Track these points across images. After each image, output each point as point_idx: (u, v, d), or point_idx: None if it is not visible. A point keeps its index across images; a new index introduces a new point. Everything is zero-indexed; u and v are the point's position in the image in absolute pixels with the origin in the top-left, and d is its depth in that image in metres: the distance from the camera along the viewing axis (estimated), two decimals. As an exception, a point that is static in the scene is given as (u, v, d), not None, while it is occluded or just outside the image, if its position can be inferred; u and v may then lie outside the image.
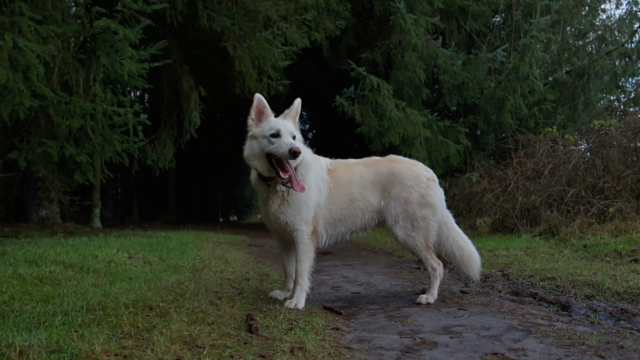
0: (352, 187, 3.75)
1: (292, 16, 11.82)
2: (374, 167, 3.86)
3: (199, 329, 2.49)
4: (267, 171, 3.45)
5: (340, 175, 3.78)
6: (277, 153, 3.34)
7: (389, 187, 3.77)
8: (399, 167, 3.84)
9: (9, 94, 6.17)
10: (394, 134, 12.06)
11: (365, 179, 3.78)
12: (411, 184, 3.74)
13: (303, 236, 3.54)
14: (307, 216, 3.56)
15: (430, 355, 2.37)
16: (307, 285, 3.53)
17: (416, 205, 3.70)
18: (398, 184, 3.75)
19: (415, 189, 3.72)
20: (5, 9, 6.62)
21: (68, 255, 4.60)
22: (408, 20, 12.13)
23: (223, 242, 9.25)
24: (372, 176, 3.80)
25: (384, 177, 3.79)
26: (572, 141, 9.00)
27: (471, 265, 3.86)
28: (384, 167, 3.85)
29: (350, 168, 3.86)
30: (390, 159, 3.97)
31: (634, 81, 14.47)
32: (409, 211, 3.70)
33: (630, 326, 2.84)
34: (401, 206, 3.71)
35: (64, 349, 1.95)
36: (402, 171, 3.80)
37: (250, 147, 3.49)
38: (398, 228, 3.72)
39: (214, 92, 14.92)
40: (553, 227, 7.02)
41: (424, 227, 3.70)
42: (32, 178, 10.40)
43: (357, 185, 3.76)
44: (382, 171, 3.82)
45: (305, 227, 3.55)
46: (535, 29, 11.40)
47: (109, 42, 7.47)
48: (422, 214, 3.70)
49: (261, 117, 3.55)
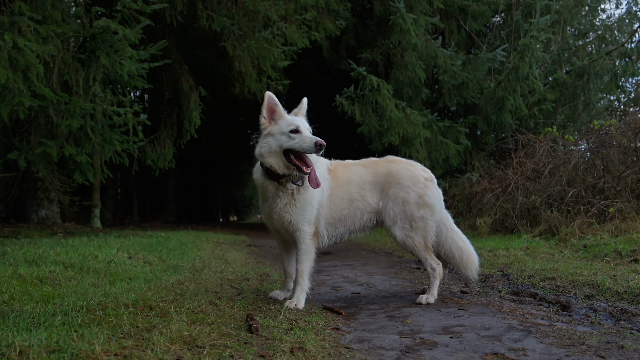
0: (351, 187, 3.75)
1: (292, 16, 11.81)
2: (372, 168, 3.86)
3: (199, 329, 2.49)
4: (284, 168, 3.44)
5: (340, 175, 3.78)
6: (300, 148, 3.35)
7: (387, 187, 3.77)
8: (397, 167, 3.84)
9: (9, 94, 6.17)
10: (394, 134, 12.06)
11: (364, 179, 3.79)
12: (409, 184, 3.74)
13: (305, 236, 3.54)
14: (310, 216, 3.57)
15: (430, 355, 2.37)
16: (307, 285, 3.53)
17: (414, 205, 3.70)
18: (396, 184, 3.75)
19: (413, 189, 3.73)
20: (5, 9, 6.62)
21: (68, 256, 4.60)
22: (408, 20, 12.13)
23: (223, 242, 9.24)
24: (370, 177, 3.80)
25: (381, 177, 3.79)
26: (572, 141, 9.00)
27: (470, 265, 3.86)
28: (381, 167, 3.85)
29: (349, 168, 3.86)
30: (387, 160, 3.97)
31: (634, 81, 14.48)
32: (407, 211, 3.70)
33: (630, 326, 2.84)
34: (399, 206, 3.71)
35: (64, 348, 1.95)
36: (399, 172, 3.80)
37: (267, 144, 3.47)
38: (397, 228, 3.72)
39: (213, 92, 14.92)
40: (553, 227, 7.02)
41: (422, 227, 3.71)
42: (32, 178, 10.40)
43: (355, 185, 3.76)
44: (379, 172, 3.82)
45: (308, 227, 3.55)
46: (535, 29, 11.39)
47: (109, 42, 7.46)
48: (420, 214, 3.70)
49: (273, 114, 3.56)
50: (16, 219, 10.70)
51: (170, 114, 13.08)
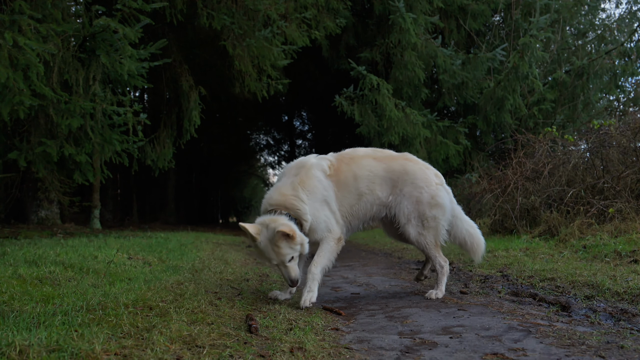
0: (358, 183, 3.83)
1: (292, 15, 11.81)
2: (386, 163, 3.94)
3: (199, 329, 2.49)
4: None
5: (343, 174, 3.82)
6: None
7: (401, 184, 3.87)
8: (414, 167, 3.95)
9: (9, 93, 6.16)
10: (394, 134, 12.06)
11: (375, 174, 3.87)
12: (422, 185, 3.86)
13: (328, 239, 3.69)
14: (330, 227, 3.71)
15: (430, 356, 2.37)
16: (319, 277, 3.61)
17: (427, 205, 3.82)
18: (410, 183, 3.86)
19: (426, 190, 3.85)
20: (5, 8, 6.61)
21: (68, 256, 4.60)
22: (407, 19, 12.13)
23: (222, 243, 9.24)
24: (383, 172, 3.89)
25: (396, 174, 3.89)
26: (571, 141, 8.99)
27: (478, 250, 4.10)
28: (397, 164, 3.94)
29: (358, 162, 3.91)
30: (405, 157, 4.06)
31: (634, 81, 14.48)
32: (420, 211, 3.83)
33: (630, 326, 2.84)
34: (413, 205, 3.83)
35: (64, 348, 1.95)
36: (416, 172, 3.91)
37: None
38: (410, 227, 3.84)
39: (213, 92, 14.92)
40: (553, 228, 7.02)
41: (434, 226, 3.85)
42: (32, 179, 10.39)
43: (365, 179, 3.85)
44: (395, 168, 3.91)
45: (330, 234, 3.69)
46: (534, 28, 11.39)
47: (109, 41, 7.45)
48: (432, 214, 3.83)
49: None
50: (16, 219, 10.69)
51: (170, 114, 13.07)
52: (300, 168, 3.73)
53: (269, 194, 3.68)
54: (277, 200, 3.58)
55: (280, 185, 3.67)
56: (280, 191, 3.61)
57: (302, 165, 3.75)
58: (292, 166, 3.83)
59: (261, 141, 37.34)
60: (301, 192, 3.59)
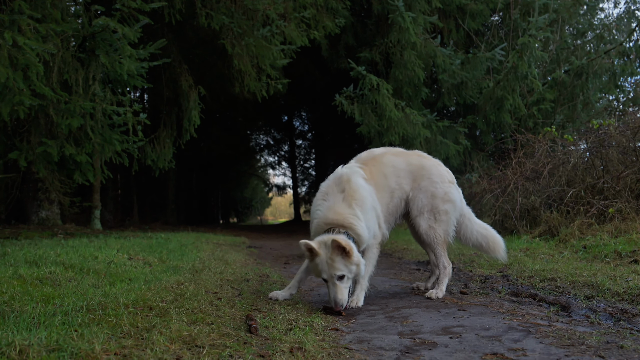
0: (389, 181, 3.97)
1: (291, 14, 11.79)
2: (404, 157, 4.10)
3: (199, 329, 2.49)
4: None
5: (376, 175, 3.93)
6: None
7: (419, 179, 4.02)
8: (429, 163, 4.11)
9: (9, 93, 6.15)
10: (394, 133, 12.04)
11: (398, 168, 4.02)
12: (437, 180, 4.01)
13: (372, 246, 3.82)
14: (375, 232, 3.82)
15: (429, 356, 2.37)
16: (366, 286, 3.74)
17: (440, 200, 3.96)
18: (427, 178, 4.01)
19: (440, 186, 4.00)
20: (5, 7, 6.60)
21: (68, 256, 4.60)
22: (407, 18, 12.11)
23: (223, 244, 9.24)
24: (404, 165, 4.04)
25: (415, 168, 4.04)
26: (571, 141, 8.99)
27: (497, 248, 4.19)
28: (414, 159, 4.10)
29: (380, 160, 4.02)
30: (418, 154, 4.22)
31: (633, 80, 14.47)
32: (434, 204, 3.96)
33: (630, 326, 2.84)
34: (427, 199, 3.97)
35: (64, 347, 1.96)
36: (431, 168, 4.07)
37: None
38: (422, 219, 3.97)
39: (213, 91, 14.91)
40: (553, 228, 7.02)
41: (445, 220, 3.96)
42: (32, 179, 10.39)
43: (392, 175, 3.99)
44: (413, 162, 4.06)
45: (374, 240, 3.82)
46: (533, 28, 11.39)
47: (108, 41, 7.44)
48: (444, 208, 3.97)
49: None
50: (16, 220, 10.68)
51: (170, 114, 13.06)
52: (343, 182, 3.66)
53: (322, 214, 3.59)
54: (332, 220, 3.52)
55: (332, 204, 3.58)
56: (335, 210, 3.54)
57: (344, 179, 3.68)
58: (332, 182, 3.74)
59: (261, 141, 37.33)
60: (356, 207, 3.57)
